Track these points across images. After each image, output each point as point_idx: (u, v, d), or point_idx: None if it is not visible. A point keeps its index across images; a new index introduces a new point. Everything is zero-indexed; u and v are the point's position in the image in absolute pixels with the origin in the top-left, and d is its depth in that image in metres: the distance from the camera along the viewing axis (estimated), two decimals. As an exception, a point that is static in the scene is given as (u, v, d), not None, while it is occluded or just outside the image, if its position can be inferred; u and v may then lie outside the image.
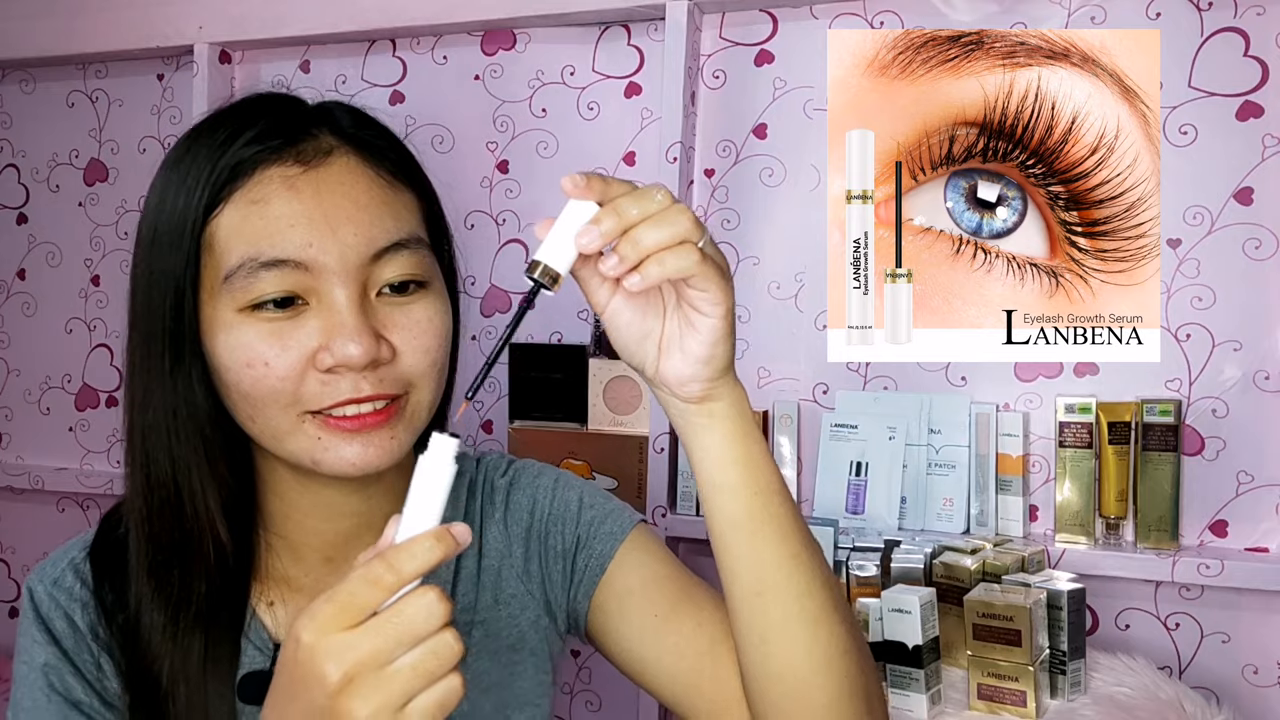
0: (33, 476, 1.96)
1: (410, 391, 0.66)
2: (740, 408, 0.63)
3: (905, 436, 1.48)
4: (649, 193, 0.57)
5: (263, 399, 0.63)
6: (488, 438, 1.73)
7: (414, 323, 0.65)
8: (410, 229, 0.67)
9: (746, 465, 0.63)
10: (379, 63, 1.79)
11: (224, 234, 0.63)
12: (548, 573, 0.77)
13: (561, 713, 1.70)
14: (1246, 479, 1.37)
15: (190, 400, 0.65)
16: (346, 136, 0.67)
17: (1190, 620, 1.39)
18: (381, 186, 0.66)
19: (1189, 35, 1.38)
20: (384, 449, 0.64)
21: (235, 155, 0.63)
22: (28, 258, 2.04)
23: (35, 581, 0.70)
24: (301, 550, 0.72)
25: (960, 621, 1.15)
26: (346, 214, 0.63)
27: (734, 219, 1.60)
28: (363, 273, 0.64)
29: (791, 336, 1.57)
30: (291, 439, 0.64)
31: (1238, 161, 1.37)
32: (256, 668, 0.69)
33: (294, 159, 0.64)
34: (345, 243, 0.63)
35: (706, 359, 0.60)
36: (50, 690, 0.66)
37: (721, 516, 0.64)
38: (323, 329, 0.62)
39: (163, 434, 0.66)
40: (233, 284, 0.62)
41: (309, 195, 0.63)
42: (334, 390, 0.62)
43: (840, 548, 1.29)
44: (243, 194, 0.63)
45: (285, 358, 0.62)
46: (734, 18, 1.60)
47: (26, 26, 1.92)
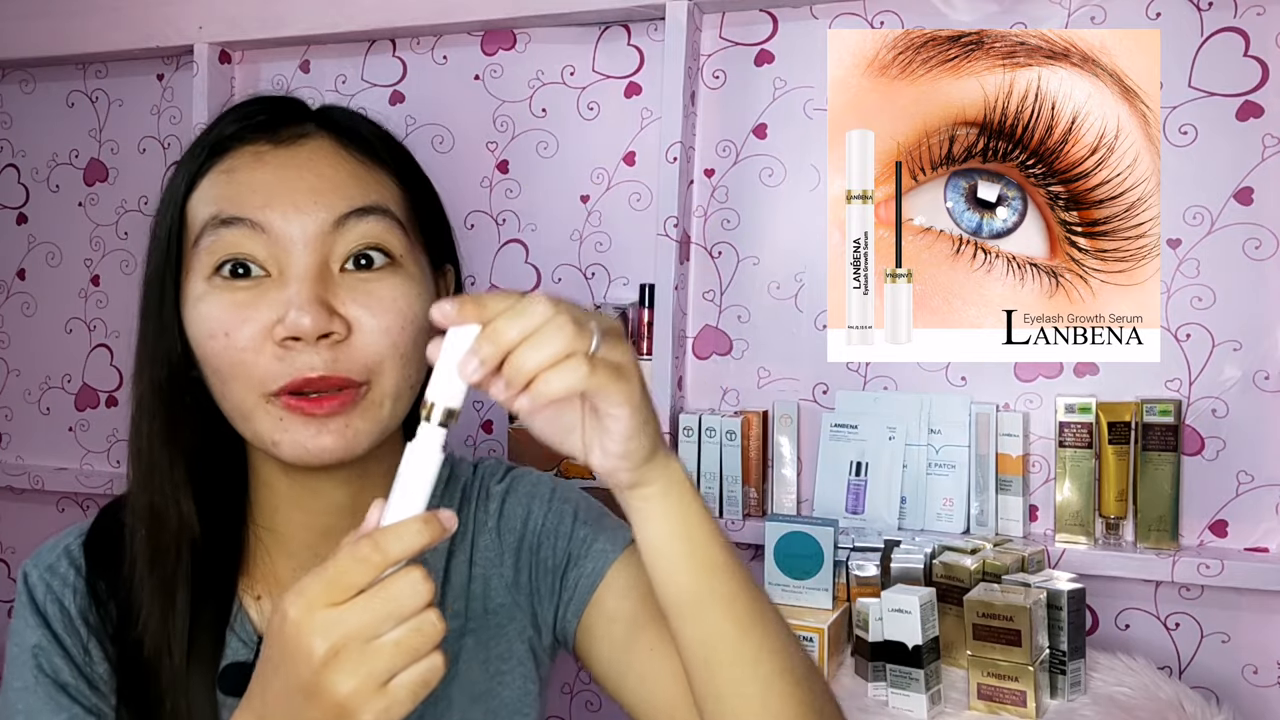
0: (33, 476, 1.96)
1: (372, 380, 0.65)
2: (675, 487, 0.61)
3: (905, 436, 1.48)
4: (527, 308, 0.53)
5: (228, 373, 0.64)
6: (488, 438, 1.73)
7: (374, 299, 0.64)
8: (377, 199, 0.67)
9: (687, 543, 0.62)
10: (379, 63, 1.79)
11: (195, 203, 0.66)
12: (536, 586, 0.77)
13: (561, 712, 1.70)
14: (1246, 479, 1.37)
15: (167, 370, 0.67)
16: (329, 125, 0.68)
17: (1190, 620, 1.39)
18: (352, 163, 0.67)
19: (1189, 35, 1.38)
20: (340, 436, 0.64)
21: (218, 134, 0.67)
22: (28, 258, 2.04)
23: (30, 566, 0.71)
24: (290, 544, 0.73)
25: (960, 621, 1.15)
26: (309, 184, 0.65)
27: (734, 219, 1.60)
28: (324, 242, 0.64)
29: (791, 336, 1.57)
30: (254, 418, 0.65)
31: (1238, 161, 1.37)
32: (240, 660, 0.69)
33: (268, 139, 0.66)
34: (305, 212, 0.64)
35: (623, 454, 0.58)
36: (39, 671, 0.67)
37: (665, 594, 0.63)
38: (280, 300, 0.63)
39: (146, 411, 0.68)
40: (199, 248, 0.64)
41: (273, 166, 0.65)
42: (289, 367, 0.62)
43: (840, 548, 1.29)
44: (216, 167, 0.66)
45: (245, 329, 0.63)
46: (734, 18, 1.60)
47: (26, 26, 1.92)
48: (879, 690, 1.14)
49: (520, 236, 1.71)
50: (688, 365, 1.62)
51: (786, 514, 1.53)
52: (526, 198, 1.71)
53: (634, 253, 1.64)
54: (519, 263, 1.71)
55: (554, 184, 1.69)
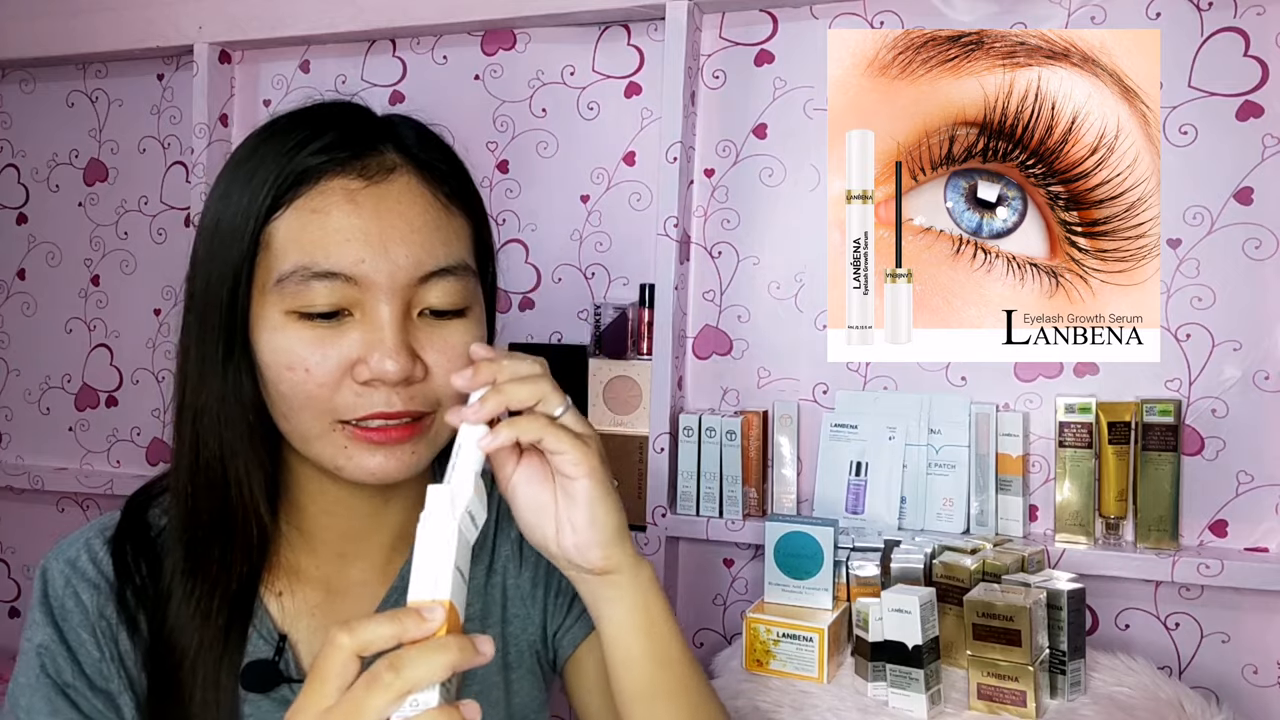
0: (33, 476, 1.97)
1: (437, 410, 0.67)
2: (642, 579, 0.67)
3: (905, 436, 1.48)
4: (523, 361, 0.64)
5: (299, 402, 0.65)
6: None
7: (449, 346, 0.67)
8: (459, 256, 0.68)
9: (649, 636, 0.67)
10: (379, 63, 1.79)
11: (282, 237, 0.64)
12: (547, 604, 0.80)
13: (562, 712, 1.70)
14: (1246, 479, 1.37)
15: (239, 390, 0.67)
16: (410, 155, 0.68)
17: (1190, 620, 1.39)
18: (438, 210, 0.68)
19: (1189, 35, 1.38)
20: (404, 462, 0.66)
21: (302, 162, 0.65)
22: (28, 258, 2.04)
23: (50, 560, 0.71)
24: (315, 543, 0.74)
25: (960, 621, 1.15)
26: (401, 234, 0.65)
27: (734, 219, 1.60)
28: (408, 292, 0.65)
29: (791, 336, 1.57)
30: (319, 443, 0.66)
31: (1238, 161, 1.37)
32: (260, 656, 0.70)
33: (358, 173, 0.65)
34: (396, 262, 0.64)
35: (589, 523, 0.64)
36: (42, 671, 0.68)
37: (623, 686, 0.68)
38: (364, 342, 0.64)
39: (214, 418, 0.68)
40: (284, 287, 0.64)
41: (368, 211, 0.64)
42: (367, 402, 0.64)
43: (840, 548, 1.29)
44: (305, 201, 0.64)
45: (324, 366, 0.64)
46: (734, 18, 1.60)
47: (26, 26, 1.92)
48: (879, 690, 1.14)
49: (520, 236, 1.71)
50: (688, 365, 1.62)
51: (786, 514, 1.53)
52: (526, 198, 1.71)
53: (634, 253, 1.64)
54: (519, 263, 1.71)
55: (554, 184, 1.69)
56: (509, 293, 1.71)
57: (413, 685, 0.50)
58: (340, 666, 0.51)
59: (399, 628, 0.51)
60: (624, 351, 1.60)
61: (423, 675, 0.50)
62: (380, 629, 0.51)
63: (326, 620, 0.73)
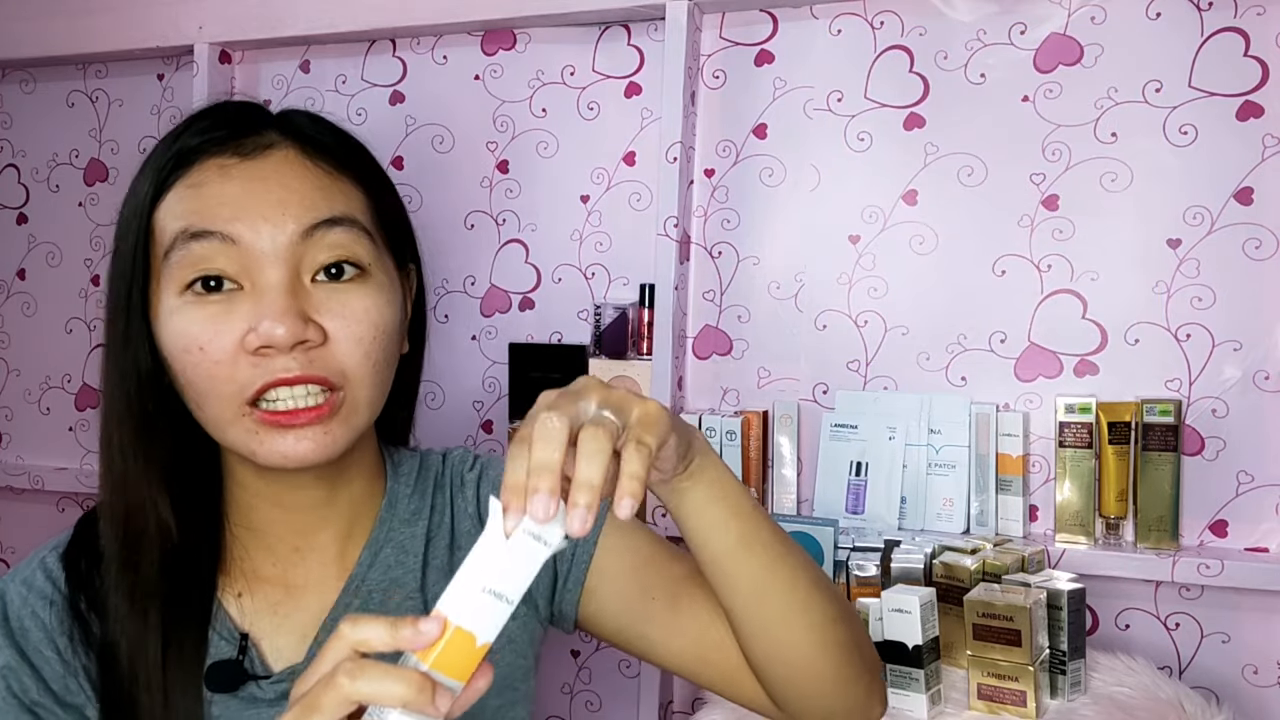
0: (33, 476, 1.96)
1: (346, 387, 0.66)
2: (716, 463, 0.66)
3: (905, 436, 1.48)
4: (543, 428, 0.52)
5: (203, 385, 0.65)
6: (488, 438, 1.73)
7: (347, 309, 0.66)
8: (344, 210, 0.67)
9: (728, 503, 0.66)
10: (379, 63, 1.79)
11: (163, 215, 0.66)
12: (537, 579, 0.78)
13: (561, 712, 1.70)
14: (1246, 479, 1.37)
15: (136, 382, 0.67)
16: (293, 134, 0.69)
17: (1190, 620, 1.39)
18: (318, 174, 0.68)
19: (1189, 35, 1.38)
20: (318, 443, 0.65)
21: (183, 144, 0.67)
22: (28, 258, 2.04)
23: (7, 582, 0.71)
24: (269, 540, 0.73)
25: (960, 621, 1.15)
26: (276, 196, 0.65)
27: (734, 219, 1.60)
28: (294, 253, 0.65)
29: (791, 337, 1.57)
30: (232, 430, 0.66)
31: (1238, 161, 1.37)
32: (224, 657, 0.70)
33: (233, 150, 0.66)
34: (273, 222, 0.64)
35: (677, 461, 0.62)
36: (9, 692, 0.67)
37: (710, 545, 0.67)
38: (253, 312, 0.64)
39: (113, 418, 0.69)
40: (170, 262, 0.65)
41: (240, 180, 0.65)
42: (265, 371, 0.63)
43: (840, 548, 1.29)
44: (183, 179, 0.66)
45: (218, 341, 0.64)
46: (734, 18, 1.59)
47: (26, 26, 1.92)
48: (879, 690, 1.14)
49: (520, 236, 1.71)
50: (688, 365, 1.62)
51: (786, 514, 1.53)
52: (526, 198, 1.71)
53: (634, 253, 1.64)
54: (519, 263, 1.71)
55: (554, 184, 1.69)
56: (509, 293, 1.71)
57: (360, 698, 0.48)
58: (333, 654, 0.50)
59: (393, 633, 0.50)
60: (624, 351, 1.60)
61: (370, 692, 0.48)
62: (376, 630, 0.50)
63: (290, 617, 0.72)
